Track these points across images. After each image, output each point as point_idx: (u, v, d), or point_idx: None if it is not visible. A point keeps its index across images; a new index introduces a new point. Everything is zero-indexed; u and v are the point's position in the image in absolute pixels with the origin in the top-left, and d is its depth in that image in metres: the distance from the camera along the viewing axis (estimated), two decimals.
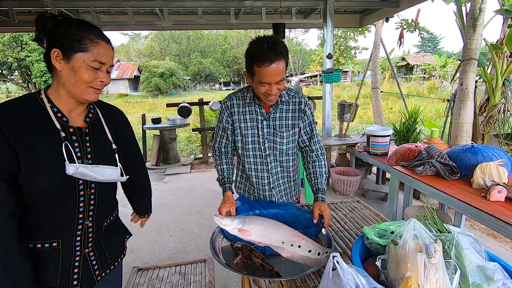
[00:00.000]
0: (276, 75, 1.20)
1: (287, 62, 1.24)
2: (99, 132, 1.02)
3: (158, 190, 4.37)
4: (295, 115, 1.41)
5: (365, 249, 1.01)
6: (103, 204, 1.04)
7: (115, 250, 1.14)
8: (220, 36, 41.17)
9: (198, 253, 2.69)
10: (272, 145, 1.44)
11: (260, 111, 1.40)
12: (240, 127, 1.43)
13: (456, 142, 3.11)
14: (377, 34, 5.47)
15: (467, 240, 0.84)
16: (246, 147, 1.46)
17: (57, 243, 0.93)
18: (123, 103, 20.26)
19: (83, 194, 0.96)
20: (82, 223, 0.97)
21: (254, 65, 1.20)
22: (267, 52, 1.16)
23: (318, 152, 1.48)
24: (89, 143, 0.97)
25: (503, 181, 1.96)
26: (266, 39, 1.20)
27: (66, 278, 0.96)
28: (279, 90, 1.27)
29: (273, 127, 1.41)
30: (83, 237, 0.98)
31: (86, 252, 1.00)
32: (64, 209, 0.93)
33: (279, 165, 1.49)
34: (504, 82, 3.18)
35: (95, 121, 1.02)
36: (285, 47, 1.21)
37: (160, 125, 5.58)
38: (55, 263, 0.94)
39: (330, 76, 3.89)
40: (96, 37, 0.89)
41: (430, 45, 45.33)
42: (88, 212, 0.98)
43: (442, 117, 10.50)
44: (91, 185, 0.97)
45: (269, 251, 1.21)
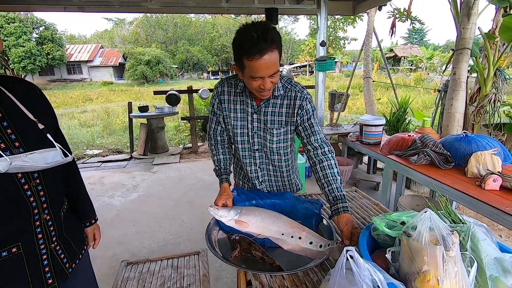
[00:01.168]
0: (268, 67, 1.06)
1: (280, 51, 1.09)
2: (16, 113, 0.82)
3: (146, 180, 4.25)
4: (289, 111, 1.26)
5: (371, 241, 0.96)
6: (54, 192, 0.92)
7: (80, 239, 1.08)
8: (208, 23, 40.18)
9: (189, 245, 2.62)
10: (262, 142, 1.33)
11: (251, 103, 1.28)
12: (230, 117, 1.33)
13: (448, 132, 3.13)
14: (370, 22, 5.41)
15: (481, 230, 0.80)
16: (236, 139, 1.36)
17: (17, 247, 0.82)
18: (108, 91, 19.60)
19: (28, 188, 0.82)
20: (39, 219, 0.85)
21: (243, 58, 1.05)
22: (257, 43, 1.01)
23: (324, 149, 1.26)
24: (9, 129, 0.79)
25: (497, 170, 1.96)
26: (255, 26, 1.04)
27: (38, 279, 0.87)
28: (273, 83, 1.13)
29: (263, 123, 1.29)
30: (44, 232, 0.88)
31: (53, 247, 0.91)
32: (13, 209, 0.80)
33: (270, 163, 1.40)
34: (496, 72, 3.20)
35: (4, 100, 0.81)
36: (277, 34, 1.06)
37: (148, 113, 5.39)
38: (21, 269, 0.83)
39: (323, 64, 3.82)
40: None
41: (417, 37, 45.84)
42: (42, 205, 0.86)
43: (429, 108, 10.70)
44: (33, 175, 0.83)
45: (269, 243, 1.15)
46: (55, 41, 26.38)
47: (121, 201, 3.49)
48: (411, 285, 0.71)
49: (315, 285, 0.95)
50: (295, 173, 1.55)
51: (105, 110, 11.58)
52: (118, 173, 4.59)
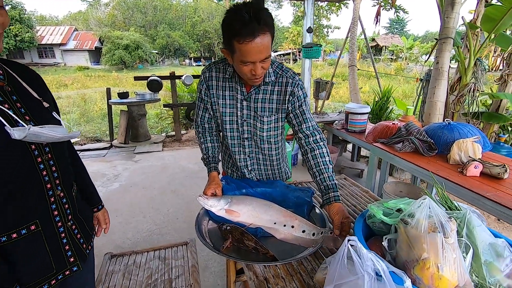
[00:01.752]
0: (260, 51, 1.00)
1: (273, 34, 1.02)
2: (22, 90, 0.83)
3: (128, 169, 4.11)
4: (280, 98, 1.22)
5: (366, 228, 0.95)
6: (65, 169, 0.91)
7: (91, 223, 1.07)
8: (189, 7, 38.77)
9: (175, 235, 2.57)
10: (252, 130, 1.28)
11: (241, 90, 1.21)
12: (218, 103, 1.26)
13: (429, 120, 3.20)
14: (355, 10, 5.38)
15: (474, 216, 0.81)
16: (225, 126, 1.30)
17: (35, 225, 0.81)
18: (84, 77, 18.65)
19: (41, 161, 0.81)
20: (53, 195, 0.85)
21: (233, 41, 0.99)
22: (248, 24, 0.94)
23: (316, 137, 1.24)
24: (19, 103, 0.80)
25: (477, 157, 2.03)
26: (246, 7, 0.96)
27: (60, 258, 0.87)
28: (264, 69, 1.08)
29: (253, 110, 1.24)
30: (60, 210, 0.87)
31: (69, 226, 0.90)
32: (27, 182, 0.79)
33: (260, 152, 1.36)
34: (476, 62, 3.28)
35: (10, 79, 0.82)
36: (270, 16, 1.00)
37: (128, 100, 5.17)
38: (41, 247, 0.83)
39: (310, 51, 3.78)
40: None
41: (398, 27, 46.60)
42: (55, 181, 0.85)
43: (409, 97, 10.98)
44: (44, 148, 0.82)
45: (261, 233, 1.12)
46: (24, 22, 24.64)
47: (101, 191, 3.35)
48: (410, 272, 0.71)
49: (309, 273, 0.94)
50: (285, 161, 1.52)
51: (81, 97, 11.03)
52: (98, 162, 4.41)
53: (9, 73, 0.82)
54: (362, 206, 1.37)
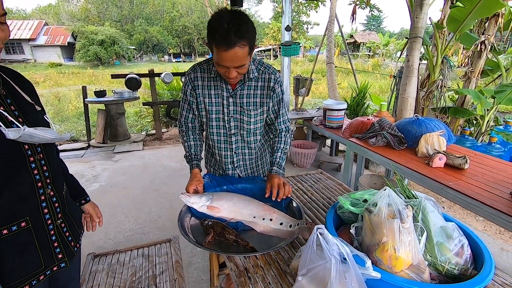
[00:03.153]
0: (233, 60, 1.06)
1: (251, 45, 1.08)
2: (16, 94, 0.88)
3: (107, 169, 4.04)
4: (264, 93, 1.30)
5: (337, 218, 1.04)
6: (55, 169, 0.95)
7: (79, 221, 1.10)
8: (168, 1, 37.86)
9: (158, 233, 2.58)
10: (239, 124, 1.35)
11: (226, 87, 1.28)
12: (205, 102, 1.31)
13: (402, 115, 3.38)
14: (332, 8, 5.52)
15: (429, 204, 0.91)
16: (210, 124, 1.35)
17: (25, 222, 0.84)
18: (56, 74, 17.83)
19: (33, 160, 0.86)
20: (43, 193, 0.89)
21: (212, 45, 1.05)
22: (226, 36, 0.99)
23: (282, 130, 1.42)
24: (13, 106, 0.85)
25: (442, 149, 2.20)
26: (230, 17, 1.01)
27: (49, 255, 0.90)
28: (239, 74, 1.15)
29: (240, 105, 1.30)
30: (50, 208, 0.91)
31: (59, 224, 0.94)
32: (18, 180, 0.82)
33: (246, 146, 1.42)
34: (443, 60, 3.49)
35: (4, 83, 0.87)
36: (251, 28, 1.05)
37: (105, 98, 5.05)
38: (31, 244, 0.86)
39: (288, 49, 3.85)
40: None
41: (375, 24, 47.82)
42: (46, 180, 0.89)
43: (385, 93, 11.39)
44: (37, 149, 0.87)
45: (241, 227, 1.18)
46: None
47: None
48: (372, 255, 0.80)
49: (286, 262, 1.01)
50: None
51: (55, 95, 10.58)
52: (76, 163, 4.30)
53: (3, 77, 0.87)
54: (336, 199, 1.46)
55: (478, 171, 1.98)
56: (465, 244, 0.85)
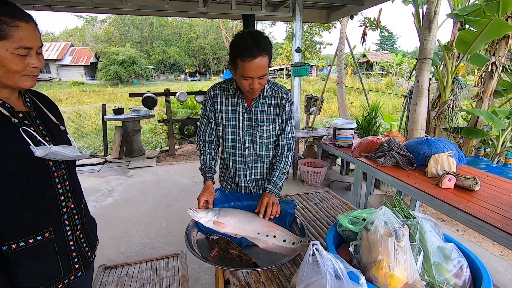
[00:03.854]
0: (258, 70, 1.21)
1: (270, 57, 1.25)
2: (44, 115, 0.98)
3: (122, 184, 4.17)
4: (276, 110, 1.43)
5: (338, 236, 1.06)
6: (75, 184, 1.04)
7: (95, 233, 1.18)
8: (185, 24, 39.64)
9: (167, 248, 2.63)
10: (252, 139, 1.45)
11: (242, 104, 1.41)
12: (222, 118, 1.44)
13: (412, 135, 3.37)
14: (342, 30, 5.67)
15: (428, 224, 0.93)
16: (226, 138, 1.47)
17: (49, 232, 0.92)
18: (79, 92, 18.76)
19: (57, 176, 0.94)
20: (65, 206, 0.97)
21: (237, 59, 1.21)
22: (250, 47, 1.17)
23: (284, 149, 1.50)
24: (41, 126, 0.94)
25: (452, 170, 2.17)
26: (250, 33, 1.20)
27: (67, 264, 0.97)
28: (260, 85, 1.28)
29: (254, 121, 1.42)
30: (70, 220, 0.98)
31: (77, 235, 1.01)
32: (43, 193, 0.91)
33: (258, 160, 1.51)
34: (453, 80, 3.49)
35: (35, 106, 0.97)
36: (269, 42, 1.23)
37: (123, 116, 5.28)
38: (53, 253, 0.93)
39: (298, 70, 3.97)
40: (13, 20, 0.77)
41: (388, 44, 48.07)
42: (67, 193, 0.98)
43: (399, 112, 11.30)
44: (60, 165, 0.95)
45: (245, 242, 1.22)
46: None
47: (95, 206, 3.40)
48: (369, 273, 0.82)
49: (287, 278, 1.04)
50: None
51: (76, 112, 11.10)
52: (92, 177, 4.46)
53: (34, 100, 0.98)
54: None
55: (490, 193, 1.94)
56: (464, 265, 0.86)
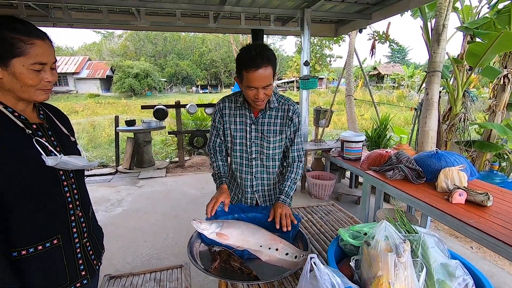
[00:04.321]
0: (262, 80, 1.25)
1: (274, 68, 1.30)
2: (56, 127, 1.04)
3: (131, 194, 4.23)
4: (283, 122, 1.46)
5: (339, 251, 1.05)
6: (84, 193, 1.07)
7: (101, 241, 1.20)
8: (198, 38, 40.76)
9: (173, 260, 2.63)
10: (259, 149, 1.48)
11: (250, 115, 1.45)
12: (230, 129, 1.48)
13: (422, 148, 3.31)
14: (351, 44, 5.71)
15: (432, 240, 0.91)
16: (234, 148, 1.50)
17: (57, 239, 0.95)
18: (94, 104, 19.37)
19: (66, 184, 0.98)
20: (73, 214, 1.00)
21: (242, 70, 1.26)
22: (254, 58, 1.22)
23: (295, 160, 1.52)
24: (53, 137, 1.00)
25: (463, 185, 2.12)
26: (254, 46, 1.26)
27: (74, 271, 1.00)
28: (266, 95, 1.32)
29: (261, 132, 1.45)
30: (78, 228, 1.02)
31: (84, 243, 1.04)
32: (53, 201, 0.95)
33: (265, 171, 1.53)
34: (464, 93, 3.45)
35: (47, 118, 1.03)
36: (272, 54, 1.28)
37: (135, 127, 5.41)
38: (60, 260, 0.96)
39: (307, 83, 4.00)
40: (29, 37, 0.83)
41: (399, 56, 47.89)
42: (75, 202, 1.01)
43: (410, 124, 11.13)
44: (69, 174, 1.00)
45: (247, 255, 1.21)
46: None
47: (105, 216, 3.46)
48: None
49: None
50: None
51: (90, 123, 11.44)
52: (103, 187, 4.55)
53: (47, 113, 1.04)
54: None
55: (503, 209, 1.88)
56: (470, 283, 0.83)
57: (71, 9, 3.75)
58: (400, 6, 3.52)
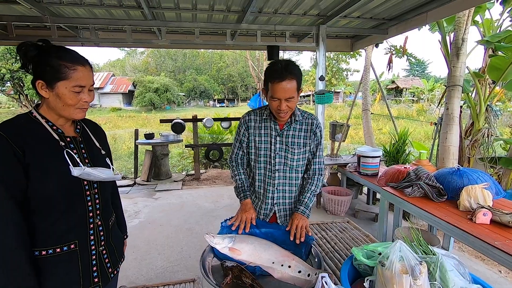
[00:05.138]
0: (285, 91, 1.32)
1: (299, 82, 1.37)
2: (89, 141, 1.13)
3: (148, 206, 4.30)
4: (307, 135, 1.51)
5: (354, 270, 1.02)
6: (105, 203, 1.13)
7: (121, 250, 1.25)
8: (215, 54, 41.99)
9: (187, 273, 2.63)
10: (283, 161, 1.51)
11: (275, 127, 1.50)
12: (255, 141, 1.53)
13: (443, 165, 3.20)
14: (368, 58, 5.69)
15: (451, 262, 0.87)
16: (258, 160, 1.54)
17: (75, 244, 1.01)
18: (116, 117, 20.17)
19: (89, 194, 1.05)
20: (92, 222, 1.06)
21: (268, 81, 1.36)
22: (279, 71, 1.32)
23: (316, 172, 1.56)
24: (84, 150, 1.08)
25: (488, 204, 2.01)
26: (281, 61, 1.37)
27: (87, 277, 1.04)
28: (288, 107, 1.37)
29: (285, 144, 1.50)
30: (95, 235, 1.07)
31: (100, 250, 1.09)
32: (75, 209, 1.01)
33: (287, 183, 1.55)
34: (487, 108, 3.33)
35: (83, 132, 1.13)
36: (297, 69, 1.36)
37: (153, 140, 5.57)
38: (75, 264, 1.01)
39: (322, 98, 4.00)
40: (72, 64, 0.96)
41: (418, 70, 47.04)
42: (96, 211, 1.07)
43: (431, 139, 10.78)
44: (93, 185, 1.06)
45: (260, 271, 1.21)
46: None
47: None
48: None
49: None
50: None
51: (112, 136, 11.88)
52: (121, 198, 4.59)
53: (83, 127, 1.14)
54: None
55: None
56: None
57: (98, 29, 3.99)
58: (417, 21, 3.50)
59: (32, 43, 0.95)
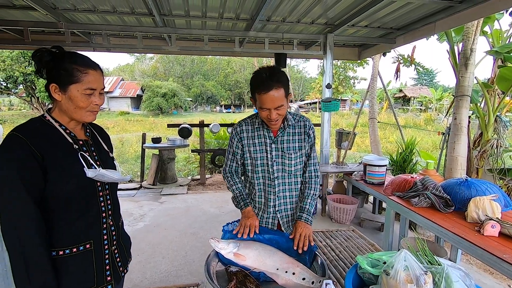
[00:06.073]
0: (273, 101, 1.30)
1: (286, 89, 1.34)
2: (99, 144, 1.18)
3: (153, 210, 4.33)
4: (301, 138, 1.50)
5: (358, 279, 1.02)
6: (116, 204, 1.18)
7: (129, 250, 1.30)
8: (223, 60, 42.44)
9: (190, 277, 2.63)
10: (281, 167, 1.50)
11: (269, 135, 1.49)
12: (250, 151, 1.51)
13: (451, 175, 3.16)
14: (375, 67, 5.70)
15: (457, 273, 0.87)
16: (256, 170, 1.52)
17: (90, 244, 1.05)
18: (124, 121, 20.43)
19: (102, 195, 1.09)
20: (105, 222, 1.10)
21: (255, 93, 1.34)
22: (264, 81, 1.29)
23: (311, 175, 1.55)
24: (95, 152, 1.13)
25: (496, 216, 1.98)
26: (265, 69, 1.33)
27: (101, 275, 1.08)
28: (279, 115, 1.36)
29: (281, 150, 1.49)
30: (108, 235, 1.11)
31: (112, 250, 1.13)
32: (90, 209, 1.05)
33: (287, 189, 1.54)
34: (496, 118, 3.29)
35: (92, 135, 1.18)
36: (283, 76, 1.33)
37: (160, 144, 5.62)
38: (90, 263, 1.05)
39: (328, 105, 4.01)
40: (84, 68, 1.01)
41: (427, 79, 46.71)
42: (108, 211, 1.12)
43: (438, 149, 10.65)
44: (105, 186, 1.11)
45: (264, 277, 1.21)
46: None
47: (127, 230, 3.48)
48: None
49: None
50: None
51: (120, 139, 12.03)
52: (127, 201, 4.70)
53: (92, 131, 1.19)
54: None
55: None
56: None
57: (110, 35, 4.09)
58: (425, 31, 3.51)
59: (47, 50, 1.00)
